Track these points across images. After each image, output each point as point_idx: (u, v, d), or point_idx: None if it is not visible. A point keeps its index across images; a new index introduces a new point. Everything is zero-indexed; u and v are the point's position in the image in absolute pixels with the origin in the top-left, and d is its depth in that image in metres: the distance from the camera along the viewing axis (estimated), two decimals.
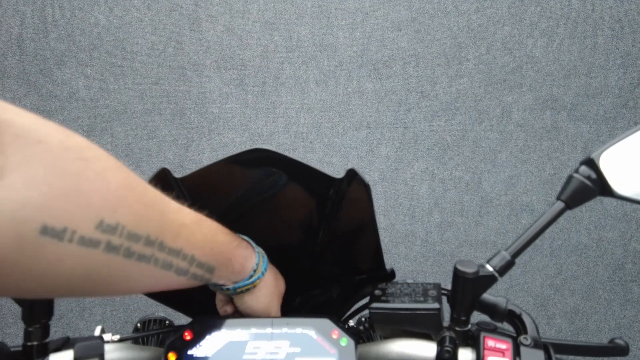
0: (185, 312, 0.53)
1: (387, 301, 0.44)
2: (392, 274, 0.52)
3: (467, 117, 1.49)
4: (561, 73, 1.43)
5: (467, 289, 0.41)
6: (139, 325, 0.58)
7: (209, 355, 0.42)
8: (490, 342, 0.39)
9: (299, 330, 0.44)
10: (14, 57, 1.42)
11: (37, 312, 0.40)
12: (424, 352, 0.43)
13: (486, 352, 0.39)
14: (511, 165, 1.50)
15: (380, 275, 0.51)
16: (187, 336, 0.43)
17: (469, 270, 0.41)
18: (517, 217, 1.51)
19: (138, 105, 1.47)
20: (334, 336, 0.44)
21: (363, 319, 0.62)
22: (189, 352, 0.42)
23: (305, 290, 0.57)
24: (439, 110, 1.49)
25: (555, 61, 1.42)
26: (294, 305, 0.55)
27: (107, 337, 0.44)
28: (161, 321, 0.56)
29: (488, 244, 1.55)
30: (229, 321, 0.44)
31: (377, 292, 0.46)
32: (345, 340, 0.43)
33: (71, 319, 1.48)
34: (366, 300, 0.54)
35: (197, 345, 0.42)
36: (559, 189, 0.43)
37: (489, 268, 0.42)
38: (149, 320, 0.57)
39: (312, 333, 0.44)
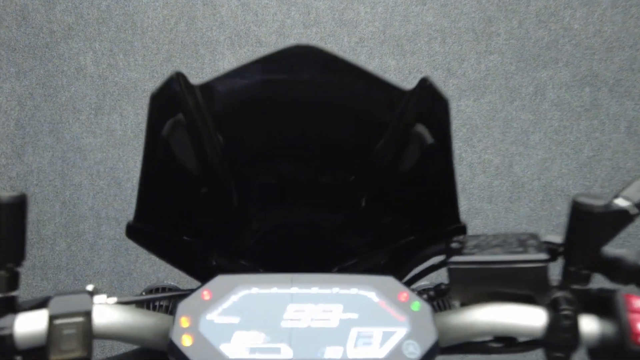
0: (201, 278, 0.42)
1: (471, 254, 0.32)
2: (464, 228, 0.40)
3: (497, 96, 1.37)
4: (602, 46, 1.30)
5: (592, 230, 0.29)
6: (144, 294, 0.46)
7: (234, 321, 0.30)
8: (638, 302, 0.27)
9: (354, 290, 0.32)
10: (19, 29, 1.32)
11: (1, 251, 0.28)
12: (528, 320, 0.31)
13: (634, 315, 0.27)
14: (545, 147, 1.37)
15: (448, 231, 0.39)
16: (206, 296, 0.31)
17: (597, 203, 0.29)
18: (551, 203, 1.39)
19: (148, 83, 1.37)
20: (402, 299, 0.32)
21: (422, 290, 0.50)
22: (208, 317, 0.30)
23: (344, 258, 0.45)
24: (467, 89, 1.37)
25: (595, 33, 1.30)
26: None
27: (99, 298, 0.33)
28: (170, 290, 0.45)
29: None
30: (262, 278, 0.32)
31: (454, 244, 0.34)
32: (418, 305, 0.32)
33: None
34: (423, 267, 0.42)
35: (219, 308, 0.30)
36: (598, 172, 0.32)
37: (623, 202, 0.30)
38: (157, 289, 0.45)
39: (372, 295, 0.32)
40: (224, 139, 0.39)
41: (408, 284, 0.43)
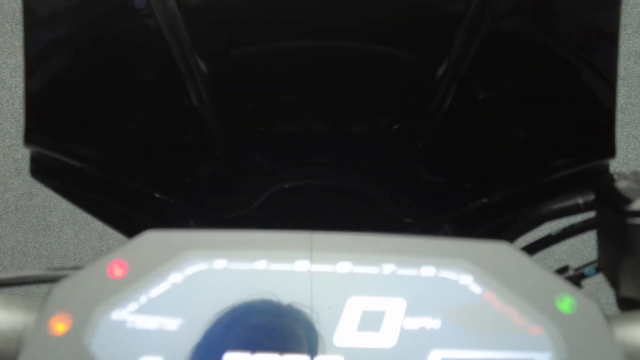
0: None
1: None
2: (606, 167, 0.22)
3: None
4: None
5: None
6: None
7: (170, 328, 0.14)
8: None
9: (428, 270, 0.15)
10: None
11: None
12: None
13: None
14: None
15: (583, 171, 0.22)
16: (117, 270, 0.14)
17: None
18: None
19: None
20: (535, 288, 0.14)
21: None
22: (114, 315, 0.14)
23: (400, 227, 0.28)
24: None
25: None
26: None
27: None
28: None
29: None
30: (241, 237, 0.15)
31: (622, 184, 0.17)
32: (571, 301, 0.14)
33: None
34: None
35: (139, 298, 0.14)
36: None
37: None
38: None
39: (467, 279, 0.15)
40: (207, 64, 0.24)
41: None
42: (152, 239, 0.15)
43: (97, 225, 1.33)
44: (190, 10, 0.24)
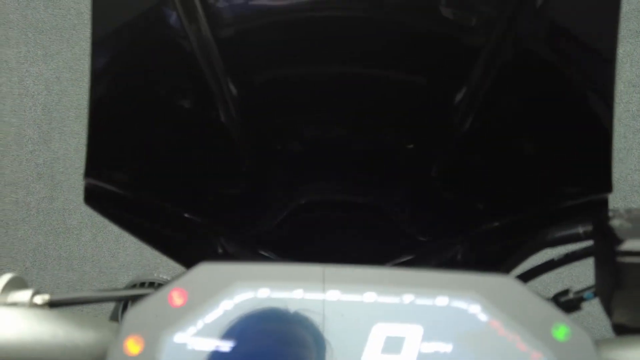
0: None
1: None
2: (605, 201, 0.25)
3: None
4: None
5: None
6: None
7: (224, 349, 0.16)
8: None
9: (442, 300, 0.17)
10: (46, 10, 1.25)
11: None
12: None
13: None
14: (620, 135, 1.17)
15: (582, 204, 0.24)
16: (177, 299, 0.17)
17: None
18: (626, 201, 1.18)
19: None
20: (535, 318, 0.17)
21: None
22: (177, 338, 0.16)
23: (401, 251, 0.30)
24: None
25: None
26: None
27: (21, 295, 0.20)
28: (160, 285, 0.32)
29: None
30: (276, 270, 0.18)
31: (615, 222, 0.19)
32: (566, 330, 0.16)
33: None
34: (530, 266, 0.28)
35: (198, 323, 0.17)
36: None
37: None
38: (142, 284, 0.32)
39: (476, 308, 0.17)
40: (238, 88, 0.27)
41: None
42: (206, 271, 0.18)
43: (114, 228, 1.37)
44: (224, 36, 0.26)
